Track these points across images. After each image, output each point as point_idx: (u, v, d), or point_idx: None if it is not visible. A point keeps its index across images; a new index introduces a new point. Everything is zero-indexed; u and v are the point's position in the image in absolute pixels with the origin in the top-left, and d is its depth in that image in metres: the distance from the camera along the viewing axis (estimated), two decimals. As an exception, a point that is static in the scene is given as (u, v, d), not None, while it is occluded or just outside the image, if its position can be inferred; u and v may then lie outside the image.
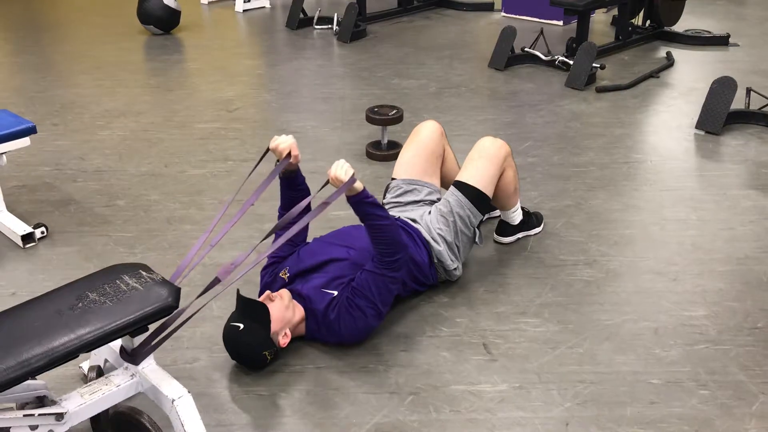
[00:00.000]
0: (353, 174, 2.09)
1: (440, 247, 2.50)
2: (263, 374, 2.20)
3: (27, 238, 2.91)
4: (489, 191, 2.59)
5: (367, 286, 2.21)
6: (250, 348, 2.15)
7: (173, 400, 1.77)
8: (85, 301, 1.72)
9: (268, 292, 2.25)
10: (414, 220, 2.56)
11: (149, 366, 1.85)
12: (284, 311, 2.20)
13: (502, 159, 2.61)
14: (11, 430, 1.61)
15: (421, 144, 2.76)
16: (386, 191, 2.76)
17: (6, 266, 2.81)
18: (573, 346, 2.31)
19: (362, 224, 2.24)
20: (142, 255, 2.85)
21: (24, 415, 1.62)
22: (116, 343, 1.85)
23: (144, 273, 1.82)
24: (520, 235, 2.91)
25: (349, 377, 2.19)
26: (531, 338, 2.34)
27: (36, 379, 1.65)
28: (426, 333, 2.38)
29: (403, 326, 2.41)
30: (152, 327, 1.82)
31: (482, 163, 2.58)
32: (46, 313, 1.70)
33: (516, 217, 2.86)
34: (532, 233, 2.94)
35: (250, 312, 2.14)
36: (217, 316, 2.41)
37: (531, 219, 2.94)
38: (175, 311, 1.79)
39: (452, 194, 2.57)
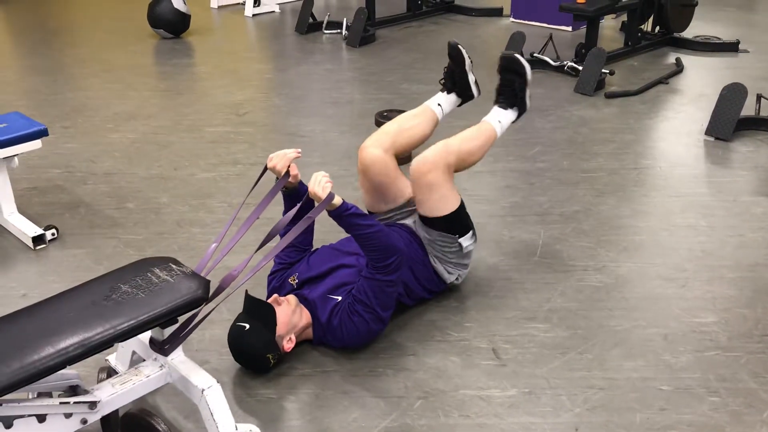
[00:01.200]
0: (330, 190, 2.07)
1: (436, 265, 2.49)
2: (271, 377, 2.20)
3: (38, 239, 2.93)
4: (452, 205, 2.41)
5: (363, 292, 2.20)
6: (254, 349, 2.15)
7: (203, 390, 1.80)
8: (118, 292, 1.77)
9: (275, 295, 2.26)
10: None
11: (178, 357, 1.88)
12: (291, 315, 2.21)
13: (441, 176, 2.36)
14: (47, 416, 1.64)
15: (373, 183, 2.56)
16: None
17: (17, 268, 2.83)
18: (582, 351, 2.30)
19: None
20: (151, 257, 2.85)
21: (60, 403, 1.66)
22: (144, 336, 1.88)
23: (174, 266, 1.86)
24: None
25: (358, 381, 2.19)
26: (540, 343, 2.34)
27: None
28: (435, 337, 2.38)
29: (411, 330, 2.41)
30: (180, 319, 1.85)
31: (426, 196, 2.39)
32: (81, 304, 1.75)
33: (505, 121, 2.64)
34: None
35: (257, 313, 2.14)
36: (227, 320, 2.41)
37: (514, 101, 2.66)
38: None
39: (421, 229, 2.47)
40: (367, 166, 2.53)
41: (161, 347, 1.85)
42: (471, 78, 2.74)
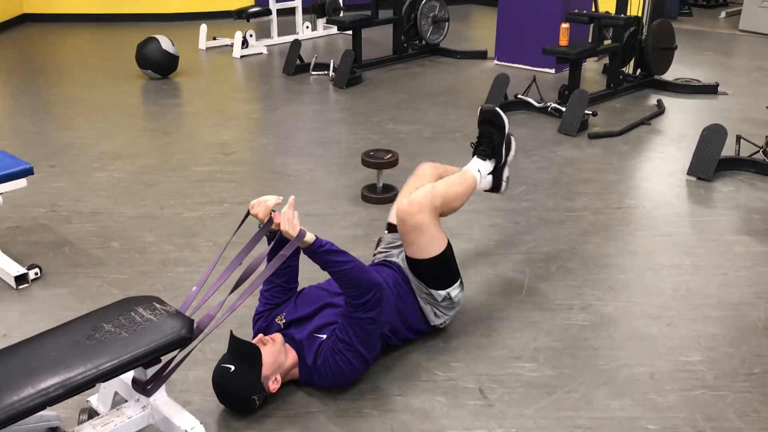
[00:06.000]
0: (300, 230, 2.04)
1: (425, 306, 2.48)
2: (256, 419, 2.17)
3: (20, 279, 2.90)
4: (439, 247, 2.42)
5: (345, 330, 2.19)
6: (239, 391, 2.12)
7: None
8: (100, 332, 1.75)
9: (261, 335, 2.24)
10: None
11: (161, 398, 1.85)
12: (276, 355, 2.19)
13: (428, 216, 2.38)
14: None
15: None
16: (379, 242, 2.71)
17: (-2, 307, 2.79)
18: (569, 391, 2.29)
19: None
20: (136, 297, 2.83)
21: None
22: (127, 376, 1.85)
23: (158, 305, 1.85)
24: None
25: (343, 422, 2.16)
26: (527, 383, 2.33)
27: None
28: (421, 377, 2.36)
29: (397, 370, 2.39)
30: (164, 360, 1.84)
31: (413, 237, 2.39)
32: (63, 343, 1.73)
33: (483, 171, 2.74)
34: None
35: (242, 354, 2.12)
36: (211, 359, 2.39)
37: (497, 164, 2.76)
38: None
39: (411, 278, 2.47)
40: (418, 169, 2.72)
41: (144, 388, 1.82)
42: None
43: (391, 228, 2.71)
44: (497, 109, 2.77)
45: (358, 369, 2.24)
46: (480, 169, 2.72)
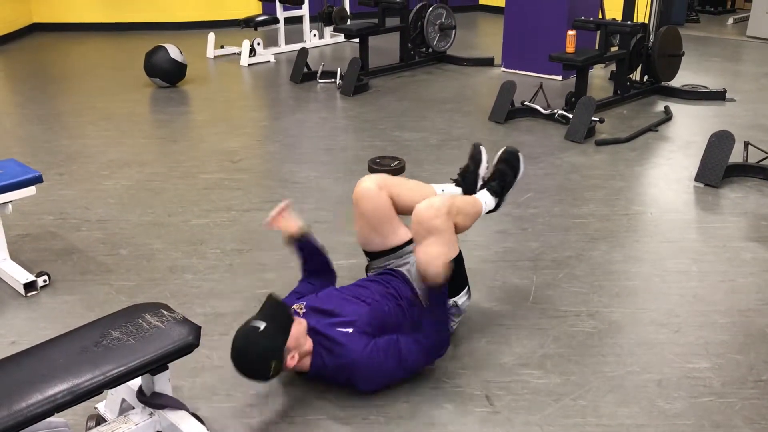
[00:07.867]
0: (443, 280, 2.21)
1: None
2: (261, 426, 2.18)
3: (29, 286, 2.92)
4: (452, 252, 2.39)
5: (407, 344, 2.26)
6: (262, 350, 2.08)
7: None
8: (108, 338, 1.77)
9: (294, 307, 2.28)
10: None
11: None
12: (301, 333, 2.20)
13: (446, 222, 2.34)
14: None
15: (367, 216, 2.57)
16: (367, 270, 2.71)
17: (7, 314, 2.81)
18: (576, 398, 2.29)
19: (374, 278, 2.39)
20: (143, 304, 2.84)
21: None
22: (134, 382, 1.86)
23: (165, 312, 1.86)
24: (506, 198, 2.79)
25: (350, 429, 2.16)
26: (534, 390, 2.33)
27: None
28: (428, 384, 2.36)
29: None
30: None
31: (430, 242, 2.33)
32: (71, 350, 1.74)
33: (488, 205, 2.70)
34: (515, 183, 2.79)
35: (276, 316, 2.12)
36: (218, 366, 2.40)
37: (502, 189, 2.74)
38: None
39: (418, 282, 2.46)
40: (359, 198, 2.56)
41: (147, 400, 1.84)
42: (479, 184, 2.83)
43: (372, 255, 2.67)
44: (520, 153, 2.81)
45: (393, 375, 2.29)
46: (486, 202, 2.70)
